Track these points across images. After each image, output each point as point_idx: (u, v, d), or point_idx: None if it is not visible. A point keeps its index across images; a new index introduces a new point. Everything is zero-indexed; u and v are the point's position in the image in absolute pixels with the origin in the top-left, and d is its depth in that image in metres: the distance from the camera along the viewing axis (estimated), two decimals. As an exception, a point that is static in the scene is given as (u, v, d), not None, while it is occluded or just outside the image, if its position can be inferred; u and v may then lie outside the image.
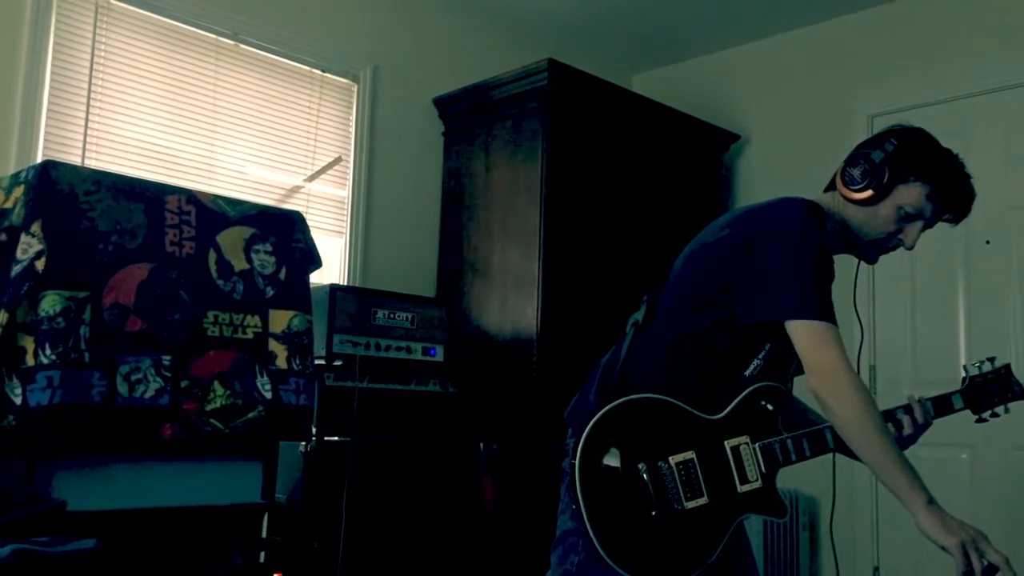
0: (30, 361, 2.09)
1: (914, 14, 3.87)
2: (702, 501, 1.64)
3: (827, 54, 4.12)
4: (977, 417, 1.91)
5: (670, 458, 1.63)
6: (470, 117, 3.83)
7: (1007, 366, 1.92)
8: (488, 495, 3.18)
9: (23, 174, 2.28)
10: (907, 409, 1.82)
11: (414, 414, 3.05)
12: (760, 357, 1.74)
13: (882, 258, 1.91)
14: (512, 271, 3.51)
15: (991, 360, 1.91)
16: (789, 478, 1.79)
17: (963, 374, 1.91)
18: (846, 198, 1.79)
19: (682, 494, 1.62)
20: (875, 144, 1.79)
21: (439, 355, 3.17)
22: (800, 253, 1.67)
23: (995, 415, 1.91)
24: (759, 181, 4.26)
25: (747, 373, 1.74)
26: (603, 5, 4.08)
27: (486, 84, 3.71)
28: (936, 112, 3.69)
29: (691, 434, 1.67)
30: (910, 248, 1.81)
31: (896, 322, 3.79)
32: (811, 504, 3.85)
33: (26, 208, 2.18)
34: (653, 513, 1.60)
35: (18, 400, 2.06)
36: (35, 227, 2.15)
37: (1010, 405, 1.91)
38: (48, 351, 2.11)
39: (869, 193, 1.76)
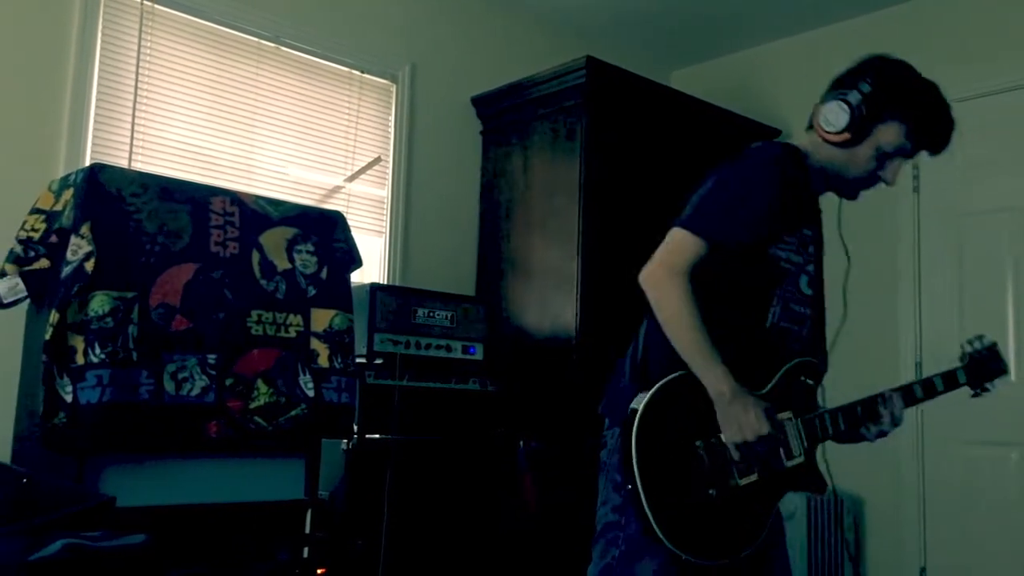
0: (80, 360, 2.14)
1: (958, 6, 3.79)
2: (753, 478, 1.64)
3: (870, 48, 4.03)
4: (973, 392, 1.93)
5: (721, 435, 1.63)
6: (508, 116, 3.83)
7: (995, 343, 1.97)
8: (528, 494, 3.18)
9: (72, 177, 2.33)
10: (883, 399, 1.80)
11: (454, 412, 3.06)
12: (774, 306, 1.74)
13: (929, 252, 1.89)
14: (551, 269, 3.51)
15: (980, 338, 1.95)
16: (834, 477, 1.77)
17: (961, 351, 1.94)
18: (824, 140, 1.77)
19: (736, 471, 1.62)
20: (852, 83, 1.76)
21: (479, 353, 3.18)
22: (735, 176, 1.70)
23: (985, 390, 1.93)
24: (800, 177, 4.20)
25: (768, 323, 1.74)
26: (641, 1, 4.06)
27: (524, 82, 3.71)
28: (985, 104, 3.62)
29: None
30: (891, 184, 1.80)
31: (943, 317, 3.71)
32: (856, 504, 3.79)
33: (75, 210, 2.23)
34: (711, 492, 1.60)
35: (69, 398, 2.11)
36: (84, 229, 2.20)
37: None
38: (97, 350, 2.15)
39: (847, 136, 1.74)
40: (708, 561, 1.59)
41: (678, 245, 1.66)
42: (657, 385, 1.61)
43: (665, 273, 1.64)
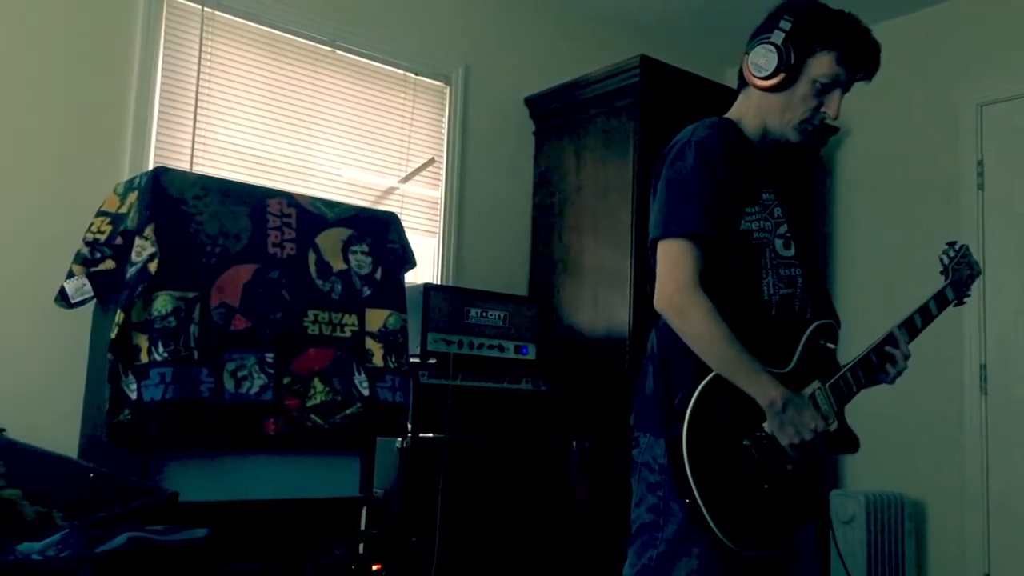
0: (144, 358, 2.20)
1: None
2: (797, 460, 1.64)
3: (931, 42, 3.96)
4: (958, 303, 1.95)
5: (764, 426, 1.61)
6: (561, 116, 3.83)
7: (966, 246, 1.99)
8: (580, 494, 3.17)
9: (136, 180, 2.40)
10: (892, 339, 1.79)
11: (506, 412, 3.07)
12: (766, 278, 1.71)
13: (993, 250, 1.85)
14: (604, 269, 3.50)
15: (952, 245, 1.97)
16: (894, 481, 1.74)
17: (941, 264, 1.95)
18: (759, 88, 1.76)
19: (784, 459, 1.62)
20: (770, 27, 1.74)
21: (531, 353, 3.18)
22: (675, 172, 1.68)
23: (968, 295, 1.97)
24: (861, 175, 4.12)
25: (766, 296, 1.71)
26: (695, -1, 4.02)
27: (577, 82, 3.70)
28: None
29: None
30: (835, 117, 1.77)
31: (1008, 317, 3.60)
32: (917, 509, 3.70)
33: (139, 213, 2.29)
34: (766, 487, 1.60)
35: (133, 395, 2.17)
36: (148, 231, 2.26)
37: None
38: (161, 349, 2.21)
39: (781, 77, 1.72)
40: (766, 553, 1.60)
41: (674, 259, 1.62)
42: (690, 405, 1.57)
43: (679, 294, 1.61)
